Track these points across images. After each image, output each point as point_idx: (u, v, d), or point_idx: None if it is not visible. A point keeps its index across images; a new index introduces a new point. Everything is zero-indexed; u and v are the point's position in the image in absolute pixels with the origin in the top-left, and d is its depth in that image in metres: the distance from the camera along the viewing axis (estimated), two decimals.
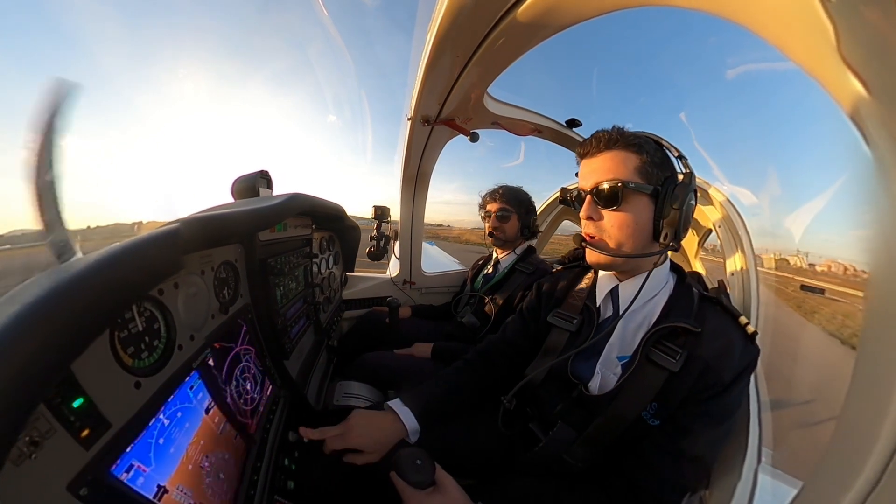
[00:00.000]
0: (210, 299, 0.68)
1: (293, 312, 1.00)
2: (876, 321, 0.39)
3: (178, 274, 0.59)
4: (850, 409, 0.40)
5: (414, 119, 1.31)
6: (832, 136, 15.61)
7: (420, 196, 1.81)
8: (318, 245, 1.25)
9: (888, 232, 0.37)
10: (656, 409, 0.65)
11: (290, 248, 1.02)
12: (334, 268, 1.45)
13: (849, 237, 10.19)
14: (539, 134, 1.45)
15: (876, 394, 0.37)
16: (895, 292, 0.36)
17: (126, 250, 0.41)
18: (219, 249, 0.73)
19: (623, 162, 0.67)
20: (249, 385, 0.72)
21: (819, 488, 0.41)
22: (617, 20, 0.68)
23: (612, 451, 0.69)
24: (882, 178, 0.37)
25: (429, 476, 0.64)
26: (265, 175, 0.91)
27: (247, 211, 0.72)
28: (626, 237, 0.68)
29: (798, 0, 0.41)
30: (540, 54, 1.03)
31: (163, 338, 0.54)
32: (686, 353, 0.63)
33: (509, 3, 0.76)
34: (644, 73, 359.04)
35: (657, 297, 0.73)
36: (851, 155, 0.42)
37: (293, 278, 1.03)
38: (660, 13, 16.08)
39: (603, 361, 0.74)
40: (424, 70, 1.04)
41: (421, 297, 2.02)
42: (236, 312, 0.76)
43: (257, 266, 0.85)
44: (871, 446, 0.36)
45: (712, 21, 0.54)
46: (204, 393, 0.59)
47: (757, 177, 53.07)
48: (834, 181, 16.57)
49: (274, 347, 0.85)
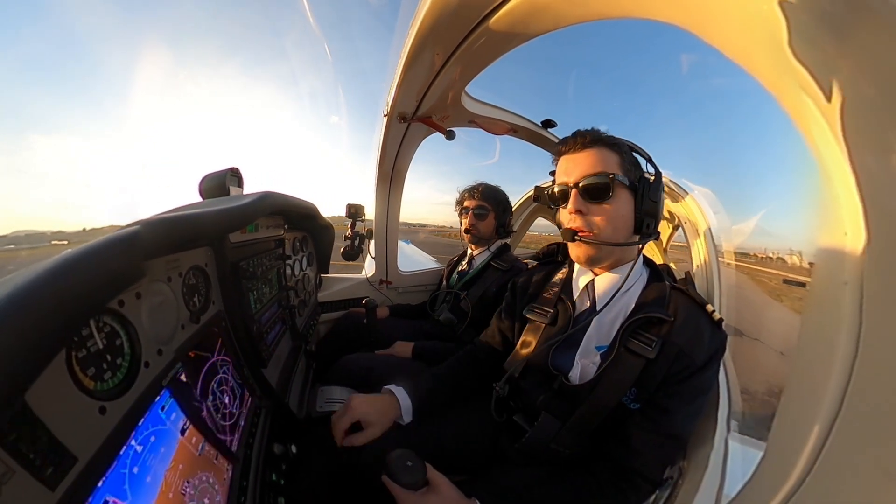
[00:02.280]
0: (178, 308, 0.61)
1: (268, 318, 0.93)
2: (815, 304, 0.44)
3: (141, 282, 0.52)
4: (796, 377, 0.45)
5: (390, 115, 1.27)
6: (785, 142, 18.03)
7: (395, 194, 1.77)
8: (290, 246, 1.17)
9: (827, 227, 0.42)
10: (636, 394, 0.68)
11: (262, 249, 0.95)
12: (308, 269, 1.37)
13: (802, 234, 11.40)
14: (515, 133, 1.47)
15: (818, 363, 0.42)
16: (833, 277, 0.41)
17: (79, 258, 0.35)
18: (187, 253, 0.66)
19: (607, 159, 0.71)
20: (227, 399, 0.66)
21: (781, 447, 0.45)
22: (596, 28, 0.71)
23: (597, 436, 0.72)
24: (825, 181, 0.42)
25: (421, 476, 0.63)
26: (235, 173, 0.83)
27: (217, 211, 0.66)
28: (614, 229, 0.71)
29: (757, 22, 0.46)
30: (519, 55, 1.05)
31: (126, 355, 0.47)
32: (661, 341, 0.67)
33: (493, 4, 0.76)
34: (619, 79, 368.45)
35: (632, 289, 0.76)
36: (802, 158, 0.48)
37: (266, 282, 0.96)
38: (637, 24, 17.33)
39: (582, 352, 0.76)
40: (404, 66, 1.01)
41: (398, 296, 1.98)
42: (209, 321, 0.69)
43: (229, 270, 0.78)
44: (819, 408, 0.40)
45: (685, 36, 0.58)
46: (178, 412, 0.52)
47: (719, 177, 59.60)
48: (790, 181, 18.54)
49: (251, 356, 0.78)
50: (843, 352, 0.39)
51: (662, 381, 0.66)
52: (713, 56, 1.35)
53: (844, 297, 0.39)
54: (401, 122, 1.33)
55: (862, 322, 0.38)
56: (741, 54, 0.52)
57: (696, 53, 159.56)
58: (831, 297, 0.41)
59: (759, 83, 0.51)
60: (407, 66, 1.03)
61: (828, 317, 0.41)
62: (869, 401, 0.36)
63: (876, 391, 0.36)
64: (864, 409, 0.36)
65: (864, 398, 0.36)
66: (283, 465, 0.67)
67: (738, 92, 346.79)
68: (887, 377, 0.35)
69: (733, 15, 0.50)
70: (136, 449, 0.41)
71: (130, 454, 0.40)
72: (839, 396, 0.39)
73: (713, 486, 0.58)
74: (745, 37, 0.50)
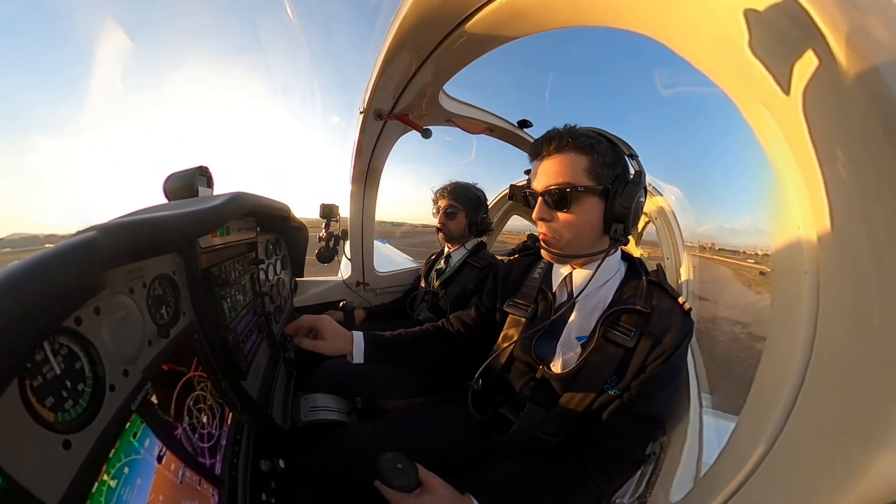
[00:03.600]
0: (144, 322, 0.54)
1: (244, 326, 0.86)
2: (781, 291, 0.49)
3: (100, 296, 0.46)
4: (768, 355, 0.50)
5: (366, 112, 1.23)
6: (746, 147, 20.12)
7: (371, 192, 1.72)
8: (263, 249, 1.09)
9: (782, 222, 0.47)
10: (616, 382, 0.71)
11: (234, 254, 0.87)
12: (283, 273, 1.29)
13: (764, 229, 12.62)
14: (491, 133, 1.49)
15: (784, 343, 0.47)
16: (794, 267, 0.46)
17: (26, 272, 0.30)
18: (151, 261, 0.59)
19: (572, 165, 0.68)
20: (206, 417, 0.60)
21: (752, 417, 0.50)
22: (575, 33, 0.73)
23: (582, 423, 0.74)
24: (778, 181, 0.47)
25: (413, 478, 0.62)
26: (204, 172, 0.75)
27: (185, 213, 0.59)
28: (576, 236, 0.71)
29: (721, 37, 0.50)
30: (498, 56, 1.05)
31: (88, 379, 0.41)
32: (639, 331, 0.70)
33: (473, 6, 0.76)
34: (594, 82, 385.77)
35: (609, 282, 0.78)
36: (760, 161, 0.53)
37: (240, 288, 0.89)
38: (613, 32, 18.52)
39: (563, 342, 0.78)
40: (382, 63, 0.98)
41: (376, 297, 1.93)
42: (179, 334, 0.62)
43: (200, 277, 0.71)
44: (785, 380, 0.45)
45: (657, 46, 0.62)
46: (152, 438, 0.47)
47: (687, 177, 64.44)
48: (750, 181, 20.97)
49: (228, 368, 0.72)
50: (804, 332, 0.43)
51: (640, 368, 0.70)
52: (682, 66, 1.46)
53: (804, 285, 0.44)
54: (377, 120, 1.30)
55: (819, 305, 0.43)
56: (707, 65, 0.57)
57: (667, 63, 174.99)
58: (794, 284, 0.46)
59: (724, 93, 0.56)
60: (385, 64, 1.00)
61: (791, 302, 0.45)
62: (827, 373, 0.41)
63: (832, 364, 0.40)
64: (824, 380, 0.40)
65: (822, 371, 0.41)
66: (272, 482, 0.62)
67: (705, 100, 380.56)
68: (842, 352, 0.39)
69: (699, 30, 0.54)
70: (110, 484, 0.36)
71: (104, 491, 0.35)
72: (803, 369, 0.43)
73: (693, 456, 0.62)
74: (711, 49, 0.54)
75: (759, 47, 0.45)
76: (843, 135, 0.38)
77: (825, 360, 0.41)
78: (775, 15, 0.41)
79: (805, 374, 0.43)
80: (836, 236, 0.39)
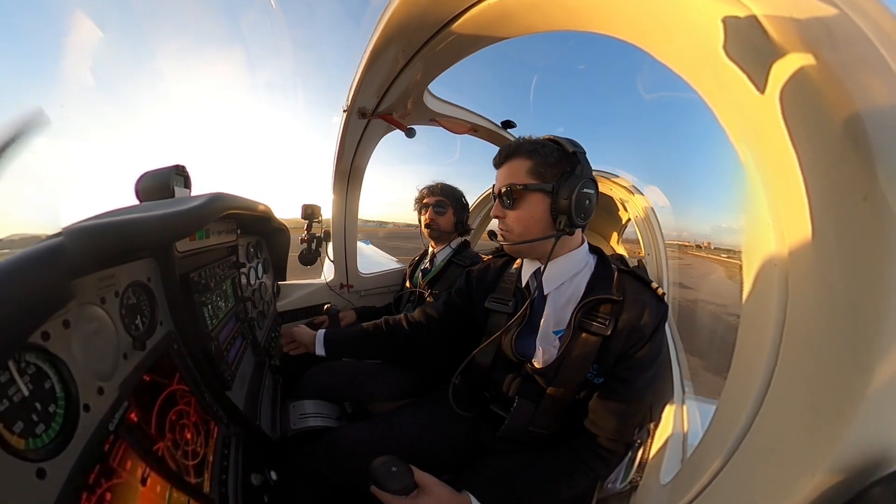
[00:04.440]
0: (118, 335, 0.50)
1: (227, 334, 0.81)
2: (754, 283, 0.53)
3: (68, 307, 0.41)
4: (742, 342, 0.53)
5: (350, 111, 1.20)
6: (722, 151, 21.53)
7: (353, 192, 1.67)
8: (244, 252, 1.03)
9: (753, 221, 0.50)
10: (598, 370, 0.73)
11: (214, 258, 0.82)
12: (265, 277, 1.22)
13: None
14: (475, 133, 1.49)
15: (758, 331, 0.50)
16: (765, 261, 0.49)
17: None
18: (124, 267, 0.54)
19: (518, 169, 0.76)
20: (190, 433, 0.56)
21: (732, 400, 0.53)
22: (561, 36, 0.74)
23: (571, 414, 0.76)
24: (749, 181, 0.50)
25: (408, 480, 0.61)
26: (181, 171, 0.70)
27: (161, 216, 0.55)
28: (524, 228, 0.77)
29: (701, 48, 0.52)
30: (483, 56, 1.06)
31: (60, 400, 0.37)
32: (614, 318, 0.72)
33: (464, 5, 0.76)
34: (578, 85, 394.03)
35: (580, 275, 0.80)
36: (734, 163, 0.56)
37: (221, 294, 0.83)
38: (599, 38, 19.16)
39: (541, 337, 0.79)
40: (367, 61, 0.95)
41: (360, 300, 1.88)
42: (157, 345, 0.58)
43: (178, 283, 0.66)
44: (759, 365, 0.48)
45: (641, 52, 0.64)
46: (134, 460, 0.43)
47: (666, 178, 64.60)
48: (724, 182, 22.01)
49: (212, 379, 0.67)
50: (775, 319, 0.46)
51: (620, 354, 0.72)
52: (663, 71, 1.53)
53: (774, 277, 0.47)
54: (360, 119, 1.26)
55: (788, 297, 0.46)
56: (686, 70, 0.59)
57: (649, 68, 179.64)
58: (765, 277, 0.49)
59: (703, 99, 0.59)
60: (370, 62, 0.97)
61: (763, 294, 0.48)
62: (797, 356, 0.44)
63: (802, 347, 0.43)
64: (794, 362, 0.43)
65: (793, 354, 0.44)
66: (264, 496, 0.59)
67: (684, 105, 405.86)
68: (808, 336, 0.42)
69: (679, 39, 0.56)
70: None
71: None
72: (775, 354, 0.46)
73: (678, 440, 0.66)
74: (689, 56, 0.57)
75: (732, 55, 0.48)
76: (806, 138, 0.40)
77: (795, 343, 0.44)
78: (744, 29, 0.44)
79: (777, 359, 0.46)
80: (801, 233, 0.42)
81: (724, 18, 0.47)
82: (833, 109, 0.36)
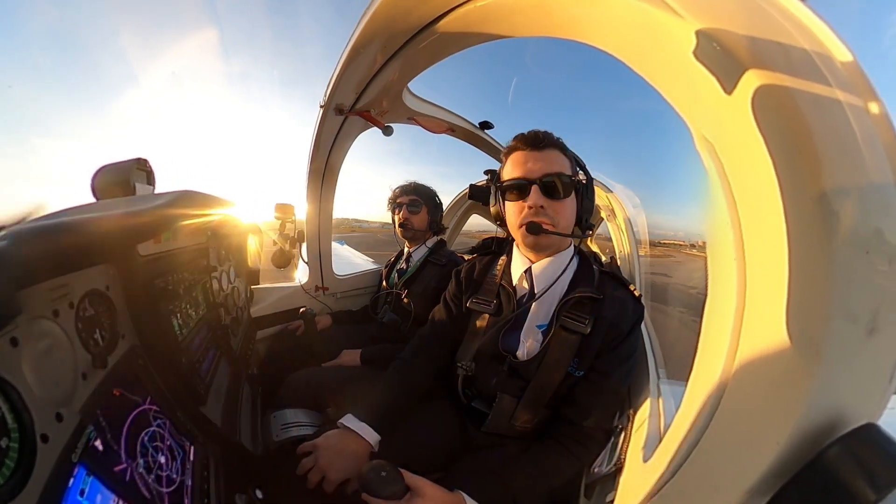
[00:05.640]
0: (75, 352, 0.43)
1: (198, 344, 0.74)
2: (716, 275, 0.57)
3: (15, 322, 0.35)
4: (706, 328, 0.57)
5: (327, 107, 1.14)
6: (689, 155, 23.33)
7: (328, 191, 1.60)
8: (216, 255, 0.95)
9: (714, 217, 0.55)
10: (578, 363, 0.76)
11: (182, 262, 0.74)
12: (237, 281, 1.13)
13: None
14: (453, 133, 1.49)
15: (720, 317, 0.55)
16: (725, 255, 0.53)
17: None
18: (79, 275, 0.47)
19: (561, 162, 0.77)
20: (164, 457, 0.50)
21: (700, 381, 0.58)
22: (545, 41, 0.76)
23: (552, 407, 0.78)
24: (712, 183, 0.54)
25: (400, 484, 0.60)
26: (143, 165, 0.61)
27: (120, 215, 0.49)
28: (569, 223, 0.78)
29: (676, 60, 0.56)
30: (463, 56, 1.05)
31: (13, 431, 0.31)
32: (593, 317, 0.75)
33: (450, 5, 0.75)
34: (556, 88, 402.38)
35: (565, 273, 0.83)
36: (699, 166, 0.61)
37: (191, 301, 0.76)
38: (577, 44, 19.59)
39: (526, 331, 0.81)
40: (347, 56, 0.91)
41: (336, 302, 1.81)
42: (120, 361, 0.51)
43: (142, 291, 0.58)
44: (722, 352, 0.52)
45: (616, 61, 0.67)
46: (104, 492, 0.37)
47: (637, 179, 70.47)
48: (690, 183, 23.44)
49: (185, 395, 0.61)
50: (734, 306, 0.51)
51: (599, 349, 0.76)
52: (637, 80, 1.67)
53: (733, 269, 0.52)
54: (337, 115, 1.21)
55: (746, 286, 0.50)
56: (659, 81, 0.63)
57: (624, 77, 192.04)
58: (725, 269, 0.53)
59: (673, 109, 0.63)
60: (350, 57, 0.93)
61: (723, 284, 0.53)
62: (755, 338, 0.48)
63: (759, 330, 0.47)
64: (753, 344, 0.47)
65: (752, 337, 0.48)
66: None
67: (657, 112, 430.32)
68: (763, 321, 0.47)
69: (652, 50, 0.59)
70: None
71: None
72: (736, 337, 0.51)
73: (656, 421, 0.70)
74: (663, 68, 0.61)
75: (697, 68, 0.51)
76: (761, 146, 0.44)
77: (752, 328, 0.48)
78: (709, 44, 0.47)
79: (738, 342, 0.50)
80: (755, 229, 0.46)
81: (695, 32, 0.51)
82: (784, 121, 0.40)
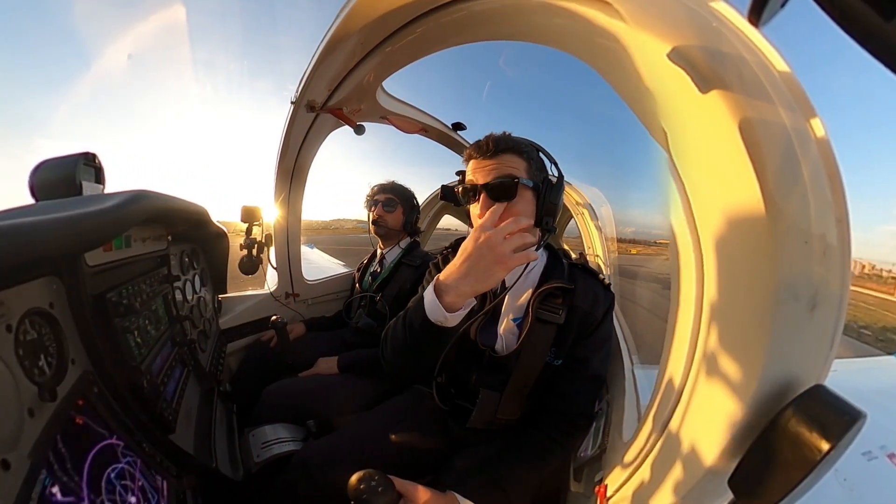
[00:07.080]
0: (17, 384, 0.36)
1: (161, 363, 0.65)
2: (680, 268, 0.63)
3: None
4: (673, 314, 0.62)
5: (298, 104, 1.08)
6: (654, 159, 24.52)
7: (296, 192, 1.51)
8: (178, 263, 0.84)
9: (677, 215, 0.60)
10: (556, 353, 0.78)
11: (138, 272, 0.65)
12: (203, 291, 1.01)
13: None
14: (425, 133, 1.47)
15: (684, 304, 0.60)
16: (686, 248, 0.58)
17: None
18: (17, 291, 0.39)
19: (513, 164, 0.74)
20: (134, 497, 0.43)
21: (670, 365, 0.63)
22: (522, 47, 0.77)
23: (534, 397, 0.80)
24: (674, 185, 0.59)
25: (391, 492, 0.58)
26: (91, 160, 0.52)
27: (64, 218, 0.42)
28: None
29: (656, 74, 0.60)
30: (440, 56, 1.03)
31: None
32: (567, 307, 0.78)
33: (431, 5, 0.73)
34: (529, 92, 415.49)
35: (536, 268, 0.85)
36: (663, 171, 0.65)
37: (150, 315, 0.66)
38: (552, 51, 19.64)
39: (502, 325, 0.83)
40: (322, 51, 0.86)
41: (309, 309, 1.70)
42: (72, 391, 0.43)
43: (91, 307, 0.50)
44: (687, 336, 0.57)
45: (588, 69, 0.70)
46: None
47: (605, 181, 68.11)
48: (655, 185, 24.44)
49: (149, 424, 0.53)
50: (695, 294, 0.56)
51: (575, 337, 0.78)
52: (606, 89, 1.71)
53: (692, 262, 0.57)
54: (308, 112, 1.14)
55: (704, 277, 0.55)
56: (627, 95, 0.67)
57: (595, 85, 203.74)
58: (686, 262, 0.58)
59: (639, 122, 0.67)
60: (325, 53, 0.88)
61: (687, 276, 0.58)
62: (715, 321, 0.52)
63: (717, 314, 0.52)
64: (713, 327, 0.52)
65: (712, 320, 0.53)
66: None
67: (623, 121, 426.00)
68: (720, 306, 0.51)
69: (622, 63, 0.63)
70: None
71: None
72: (698, 322, 0.55)
73: (633, 402, 0.75)
74: (634, 86, 0.65)
75: (660, 84, 0.55)
76: (717, 153, 0.49)
77: (713, 316, 0.52)
78: (673, 61, 0.52)
79: (700, 326, 0.55)
80: (709, 225, 0.51)
81: (665, 52, 0.55)
82: (736, 130, 0.45)
